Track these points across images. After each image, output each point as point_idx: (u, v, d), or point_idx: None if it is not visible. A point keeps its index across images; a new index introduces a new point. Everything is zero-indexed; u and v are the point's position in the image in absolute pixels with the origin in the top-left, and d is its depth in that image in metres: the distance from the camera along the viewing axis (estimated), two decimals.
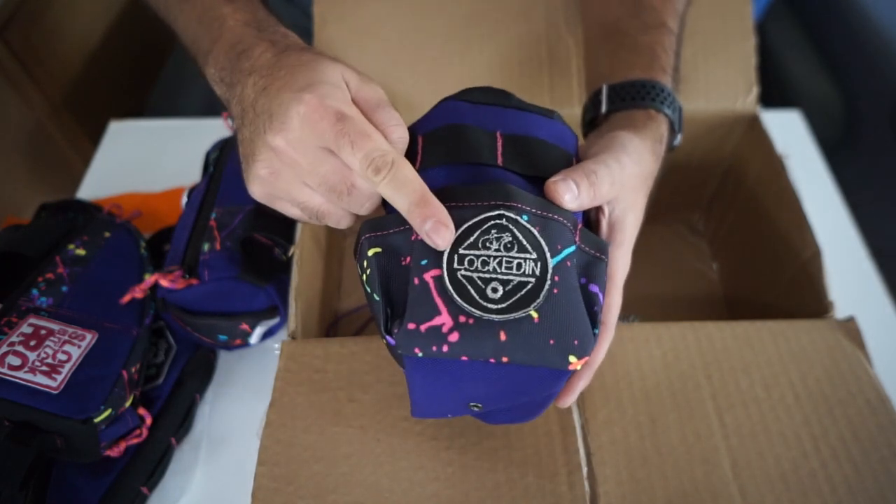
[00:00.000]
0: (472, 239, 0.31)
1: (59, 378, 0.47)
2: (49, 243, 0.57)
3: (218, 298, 0.54)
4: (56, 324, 0.50)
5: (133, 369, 0.51)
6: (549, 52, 0.59)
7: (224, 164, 0.63)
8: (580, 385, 0.35)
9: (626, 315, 0.64)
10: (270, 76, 0.33)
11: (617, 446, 0.39)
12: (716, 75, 0.58)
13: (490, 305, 0.30)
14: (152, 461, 0.51)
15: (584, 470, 0.38)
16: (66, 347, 0.49)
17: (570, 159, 0.36)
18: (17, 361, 0.47)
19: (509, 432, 0.39)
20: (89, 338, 0.51)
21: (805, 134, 0.79)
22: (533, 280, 0.30)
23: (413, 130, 0.35)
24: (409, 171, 0.31)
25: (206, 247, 0.55)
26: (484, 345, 0.29)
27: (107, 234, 0.60)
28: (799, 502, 0.37)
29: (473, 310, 0.29)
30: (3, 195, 1.02)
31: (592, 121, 0.45)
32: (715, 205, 0.68)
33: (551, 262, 0.31)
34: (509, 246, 0.31)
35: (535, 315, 0.30)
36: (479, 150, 0.33)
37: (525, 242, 0.31)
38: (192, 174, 0.69)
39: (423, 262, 0.31)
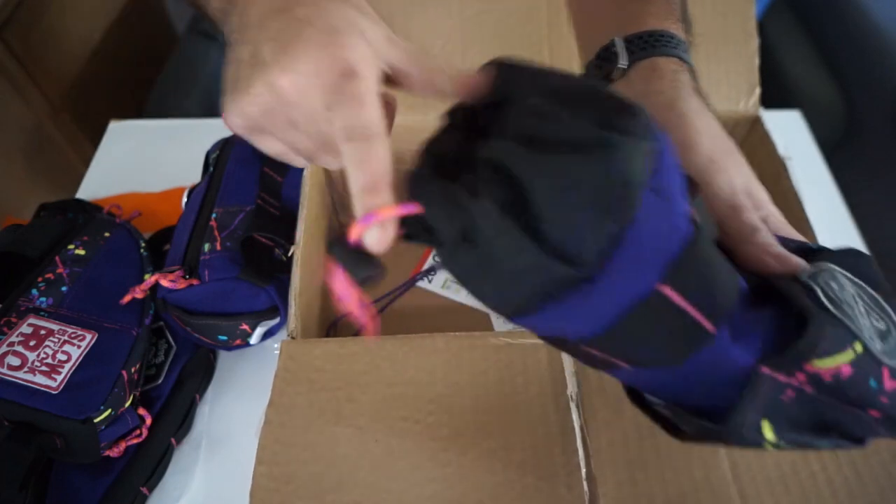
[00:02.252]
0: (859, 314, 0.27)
1: (59, 378, 0.47)
2: (49, 243, 0.57)
3: (218, 299, 0.54)
4: (56, 324, 0.50)
5: (133, 369, 0.51)
6: (551, 52, 0.59)
7: (224, 163, 0.63)
8: None
9: None
10: None
11: (616, 448, 0.38)
12: (718, 76, 0.58)
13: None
14: (152, 461, 0.51)
15: (583, 471, 0.38)
16: (66, 347, 0.49)
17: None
18: (16, 361, 0.47)
19: (508, 433, 0.39)
20: (89, 338, 0.51)
21: (805, 134, 0.79)
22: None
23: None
24: (382, 151, 0.26)
25: (206, 247, 0.55)
26: None
27: (106, 234, 0.60)
28: None
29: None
30: (3, 195, 1.02)
31: (605, 78, 0.40)
32: None
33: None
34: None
35: None
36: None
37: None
38: (191, 174, 0.68)
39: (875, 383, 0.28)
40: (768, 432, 0.27)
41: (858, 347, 0.26)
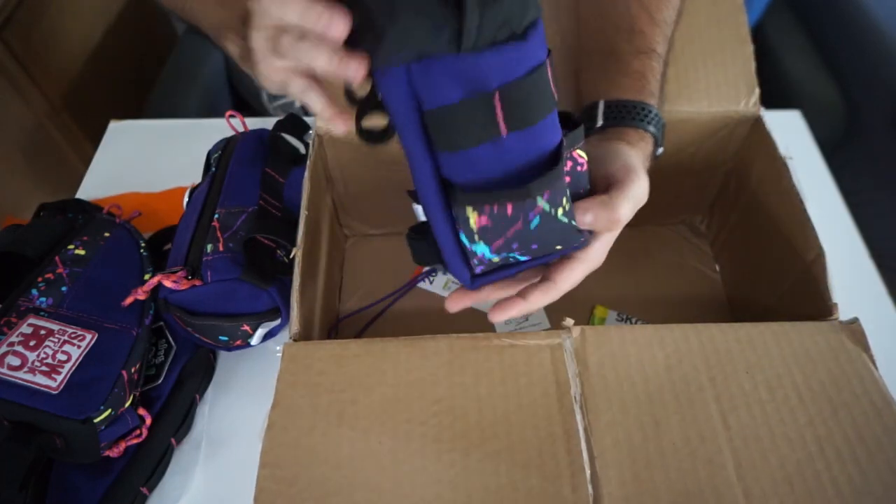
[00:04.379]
0: None
1: (59, 378, 0.47)
2: (49, 243, 0.57)
3: (220, 299, 0.54)
4: (56, 324, 0.50)
5: (133, 369, 0.51)
6: None
7: (226, 164, 0.63)
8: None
9: (628, 317, 0.64)
10: None
11: (620, 448, 0.38)
12: (717, 78, 0.58)
13: None
14: (152, 461, 0.51)
15: (588, 472, 0.38)
16: (66, 347, 0.49)
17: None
18: (16, 361, 0.47)
19: (512, 434, 0.39)
20: (89, 338, 0.50)
21: (805, 134, 0.79)
22: None
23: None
24: None
25: (209, 248, 0.55)
26: None
27: (106, 234, 0.59)
28: None
29: None
30: (3, 195, 1.02)
31: (587, 129, 0.49)
32: (717, 207, 0.68)
33: None
34: None
35: None
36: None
37: None
38: (191, 174, 0.68)
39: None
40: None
41: None
